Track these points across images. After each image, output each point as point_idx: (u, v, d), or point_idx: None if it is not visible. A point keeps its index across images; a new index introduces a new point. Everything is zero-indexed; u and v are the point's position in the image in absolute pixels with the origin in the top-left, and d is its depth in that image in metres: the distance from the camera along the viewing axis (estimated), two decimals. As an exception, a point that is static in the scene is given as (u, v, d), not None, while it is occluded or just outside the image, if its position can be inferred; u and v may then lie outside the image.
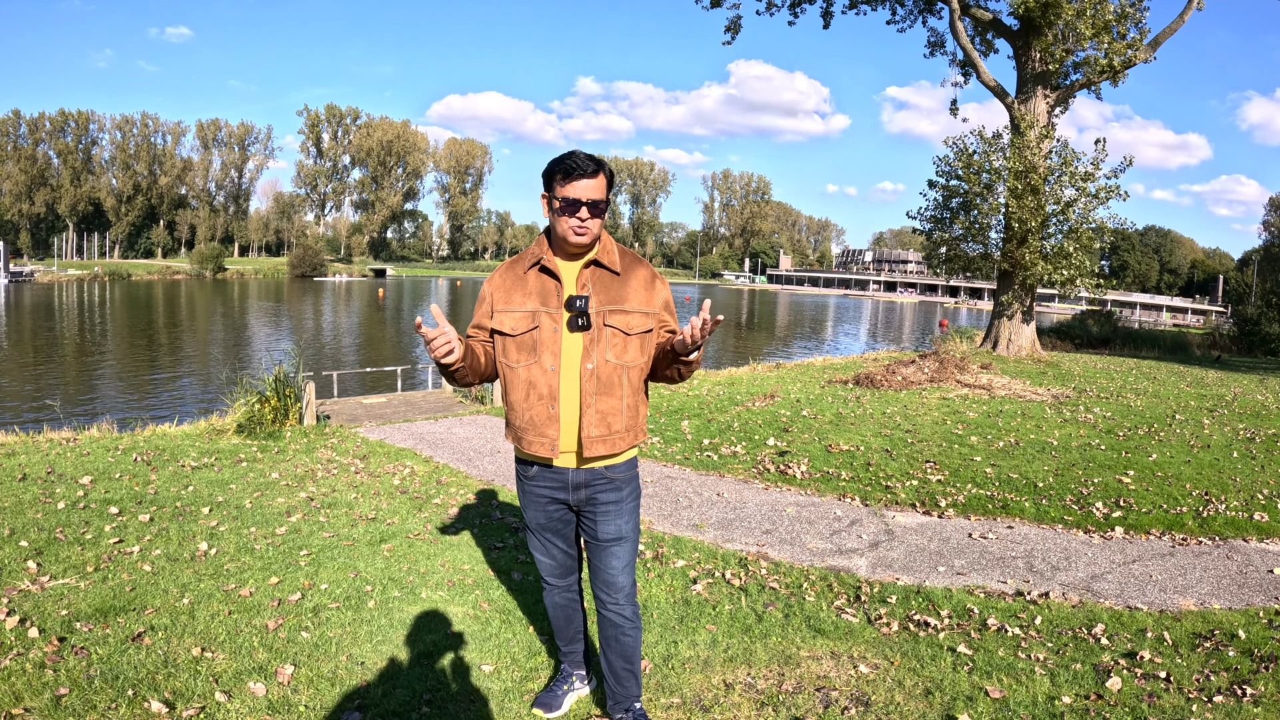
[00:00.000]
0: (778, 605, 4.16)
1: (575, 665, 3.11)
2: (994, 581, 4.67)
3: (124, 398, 19.44)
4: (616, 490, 2.69)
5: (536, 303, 2.57)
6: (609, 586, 2.75)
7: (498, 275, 2.69)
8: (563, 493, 2.69)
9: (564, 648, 3.08)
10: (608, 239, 2.66)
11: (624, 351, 2.58)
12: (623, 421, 2.61)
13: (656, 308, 2.64)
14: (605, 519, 2.69)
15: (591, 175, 2.49)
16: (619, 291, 2.59)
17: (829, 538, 5.41)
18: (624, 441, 2.63)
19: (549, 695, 3.06)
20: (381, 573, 4.36)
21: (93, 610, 3.65)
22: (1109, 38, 17.20)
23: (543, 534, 2.81)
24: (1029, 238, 17.63)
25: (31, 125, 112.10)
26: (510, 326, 2.60)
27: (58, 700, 2.89)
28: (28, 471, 6.27)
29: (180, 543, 4.69)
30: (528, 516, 2.81)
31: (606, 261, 2.60)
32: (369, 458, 7.40)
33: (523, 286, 2.61)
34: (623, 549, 2.73)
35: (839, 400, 10.75)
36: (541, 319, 2.56)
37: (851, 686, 3.28)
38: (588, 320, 2.54)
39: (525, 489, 2.76)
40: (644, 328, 2.60)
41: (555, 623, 3.02)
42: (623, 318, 2.57)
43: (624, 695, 2.87)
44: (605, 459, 2.65)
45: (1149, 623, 4.10)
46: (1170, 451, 8.01)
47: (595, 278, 2.59)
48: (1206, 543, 5.54)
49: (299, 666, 3.25)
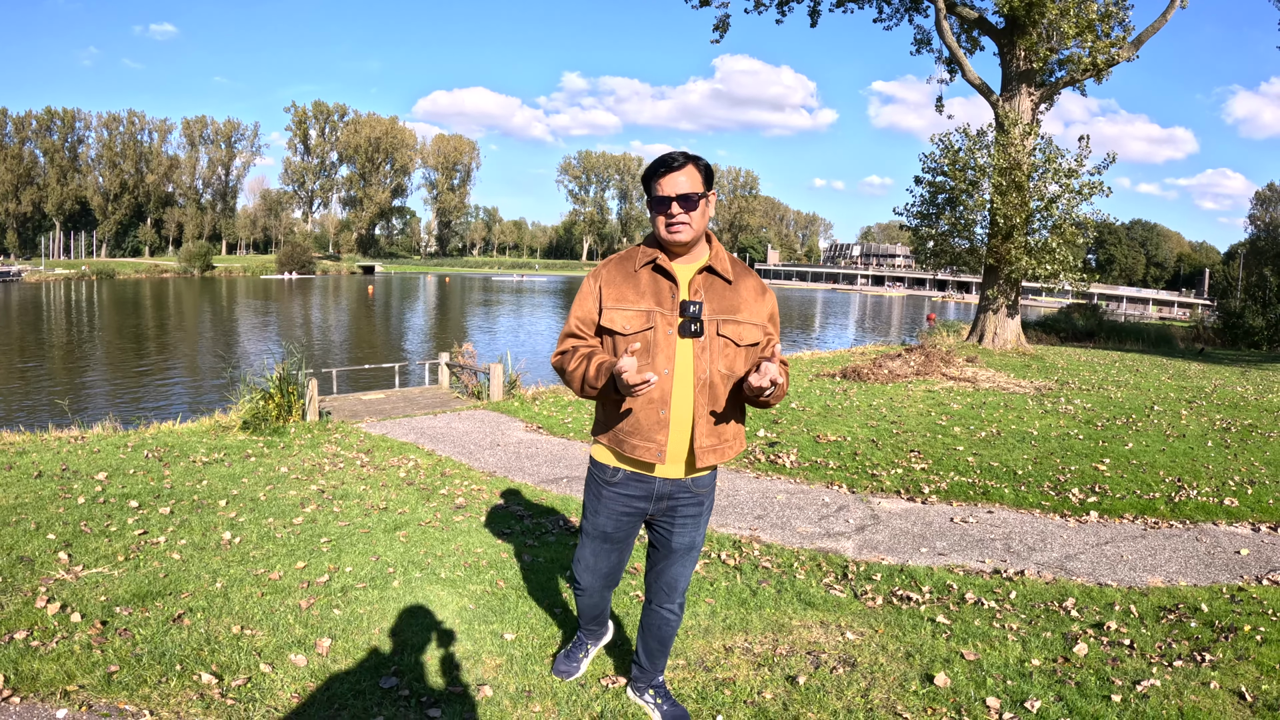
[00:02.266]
0: (770, 582, 4.45)
1: (593, 637, 3.21)
2: (973, 561, 4.96)
3: (119, 397, 19.56)
4: (698, 504, 2.69)
5: (651, 302, 2.49)
6: (671, 590, 2.81)
7: (605, 270, 2.59)
8: (645, 502, 2.65)
9: (587, 626, 3.16)
10: (718, 246, 2.60)
11: (734, 362, 2.53)
12: (731, 430, 2.60)
13: (764, 320, 2.59)
14: (683, 530, 2.69)
15: (679, 168, 2.44)
16: (732, 300, 2.54)
17: (817, 522, 5.70)
18: (732, 450, 2.62)
19: (567, 662, 3.21)
20: (401, 556, 4.63)
21: (130, 595, 3.90)
22: (1092, 36, 17.53)
23: (607, 542, 2.75)
24: (1013, 233, 17.98)
25: (18, 124, 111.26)
26: (622, 325, 2.50)
27: (109, 677, 3.13)
28: (43, 469, 6.47)
29: (204, 533, 4.93)
30: (596, 523, 2.73)
31: (720, 269, 2.55)
32: (373, 452, 7.64)
33: (635, 284, 2.52)
34: (691, 557, 2.78)
35: (827, 393, 11.05)
36: (656, 319, 2.48)
37: (839, 650, 3.58)
38: (700, 327, 2.47)
39: (604, 494, 2.68)
40: (753, 340, 2.56)
41: (585, 614, 3.06)
42: (735, 328, 2.52)
43: (654, 670, 3.00)
44: (698, 470, 2.62)
45: (1117, 597, 4.39)
46: (1146, 440, 8.32)
47: (708, 284, 2.53)
48: (1177, 526, 5.84)
49: (335, 639, 3.52)
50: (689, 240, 2.49)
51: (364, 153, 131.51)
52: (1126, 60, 18.15)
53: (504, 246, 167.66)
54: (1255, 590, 4.51)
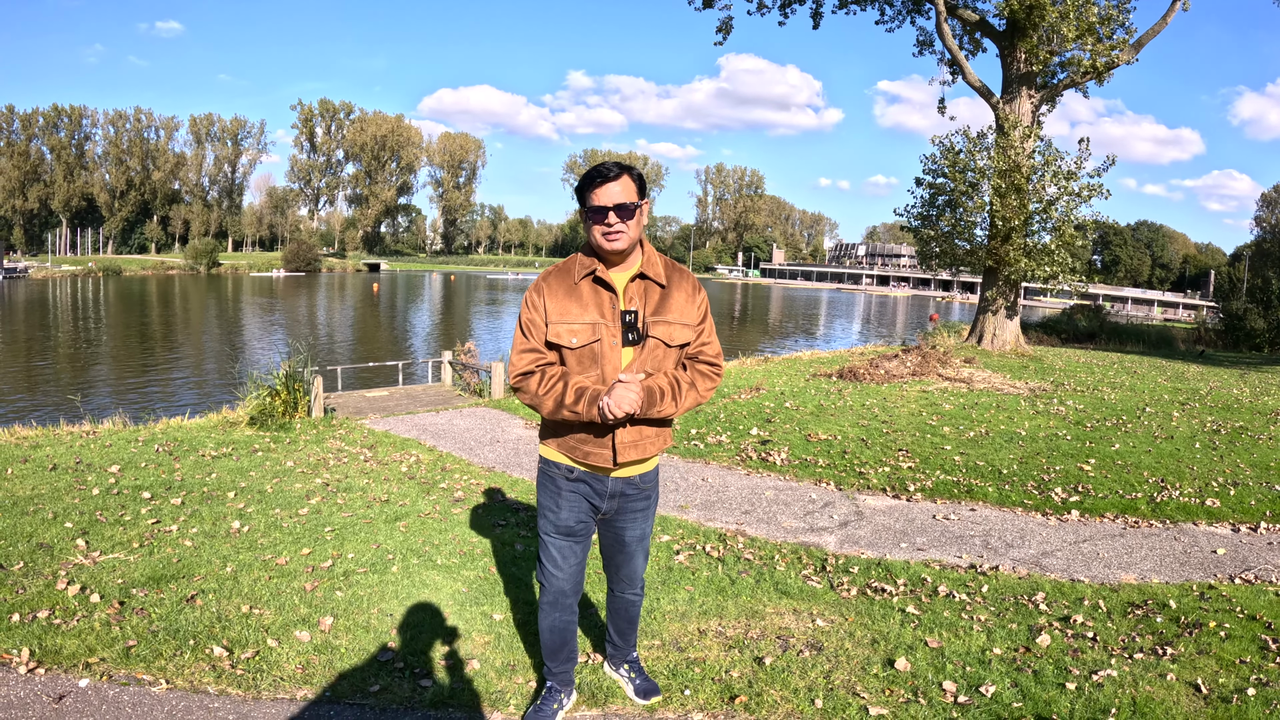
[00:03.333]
0: (750, 573, 4.66)
1: (565, 683, 3.10)
2: (950, 556, 5.16)
3: (126, 393, 19.82)
4: (646, 498, 2.88)
5: (595, 314, 2.61)
6: (631, 579, 3.02)
7: (547, 285, 2.68)
8: (599, 500, 2.80)
9: (555, 668, 3.05)
10: (650, 250, 2.72)
11: (662, 361, 2.66)
12: (651, 430, 2.73)
13: (695, 321, 2.73)
14: (634, 523, 2.88)
15: (614, 179, 2.56)
16: (664, 303, 2.67)
17: (803, 517, 5.91)
18: (653, 446, 2.75)
19: (539, 714, 3.02)
20: (400, 544, 4.87)
21: (145, 579, 4.14)
22: (1093, 39, 17.65)
23: (571, 537, 2.83)
24: (1012, 235, 18.12)
25: (25, 121, 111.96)
26: (569, 339, 2.61)
27: (128, 650, 3.37)
28: (57, 462, 6.69)
29: (214, 522, 5.17)
30: (559, 519, 2.81)
31: (652, 274, 2.68)
32: (376, 447, 7.85)
33: (578, 298, 2.63)
34: (644, 546, 2.98)
35: (821, 393, 11.24)
36: (602, 331, 2.61)
37: (808, 635, 3.79)
38: (638, 335, 2.62)
39: (563, 497, 2.79)
40: (683, 340, 2.70)
41: (550, 646, 3.00)
42: (665, 329, 2.66)
43: (627, 647, 3.23)
44: (639, 465, 2.79)
45: (1088, 593, 4.57)
46: (1134, 442, 8.48)
47: (642, 290, 2.67)
48: (1157, 525, 6.00)
49: (337, 618, 3.78)
50: (625, 248, 2.61)
51: (370, 150, 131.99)
52: (1126, 63, 18.30)
53: (509, 245, 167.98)
54: (1226, 588, 4.65)
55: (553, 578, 2.89)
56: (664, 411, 2.65)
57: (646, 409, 2.60)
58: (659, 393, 2.63)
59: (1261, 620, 4.12)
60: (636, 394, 2.56)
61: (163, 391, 20.33)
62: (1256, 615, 4.18)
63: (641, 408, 2.58)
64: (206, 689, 3.15)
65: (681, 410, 2.68)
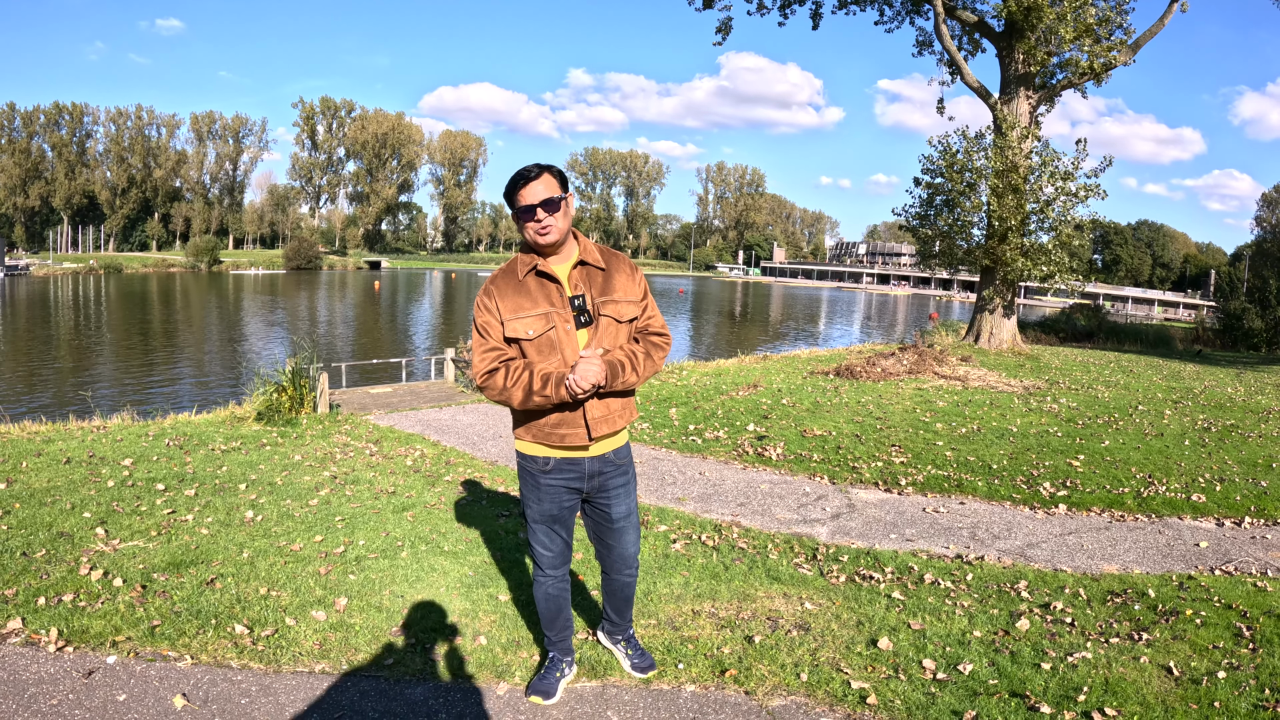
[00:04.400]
0: (743, 561, 4.86)
1: (564, 652, 3.29)
2: (938, 547, 5.34)
3: (129, 390, 20.00)
4: (623, 474, 3.05)
5: (545, 305, 2.80)
6: (624, 559, 3.17)
7: (495, 288, 2.86)
8: (579, 482, 2.97)
9: (553, 637, 3.24)
10: (584, 240, 2.93)
11: (617, 337, 2.87)
12: (618, 403, 2.94)
13: (638, 297, 2.94)
14: (617, 500, 3.04)
15: (535, 178, 2.74)
16: (607, 284, 2.87)
17: (796, 510, 6.09)
18: (621, 419, 2.95)
19: (544, 682, 3.21)
20: (409, 533, 5.08)
21: (165, 564, 4.33)
22: (1090, 40, 17.79)
23: (552, 525, 3.02)
24: (1009, 235, 18.29)
25: (26, 118, 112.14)
26: (525, 331, 2.79)
27: (152, 630, 3.57)
28: (71, 455, 6.88)
29: (227, 512, 5.36)
30: (540, 509, 3.00)
31: (591, 260, 2.88)
32: (381, 442, 8.04)
33: (526, 293, 2.81)
34: (632, 524, 3.14)
35: (818, 390, 11.42)
36: (554, 319, 2.79)
37: (797, 617, 3.99)
38: (589, 316, 2.82)
39: (540, 484, 2.96)
40: (631, 315, 2.91)
41: (546, 615, 3.18)
42: (614, 307, 2.86)
43: (624, 624, 3.43)
44: (611, 439, 2.97)
45: (1069, 581, 4.74)
46: (1124, 439, 8.64)
47: (585, 276, 2.87)
48: (1142, 519, 6.16)
49: (351, 599, 3.99)
50: (557, 240, 2.80)
51: (371, 148, 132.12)
52: (1124, 64, 18.44)
53: (510, 243, 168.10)
54: (1205, 579, 4.80)
55: (542, 556, 3.10)
56: (628, 382, 2.86)
57: (611, 381, 2.81)
58: (619, 365, 2.84)
59: (1238, 609, 4.27)
60: (599, 366, 2.75)
61: (166, 388, 20.52)
62: (1233, 605, 4.33)
63: (606, 380, 2.79)
64: (230, 664, 3.34)
65: (643, 379, 2.90)
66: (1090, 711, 3.13)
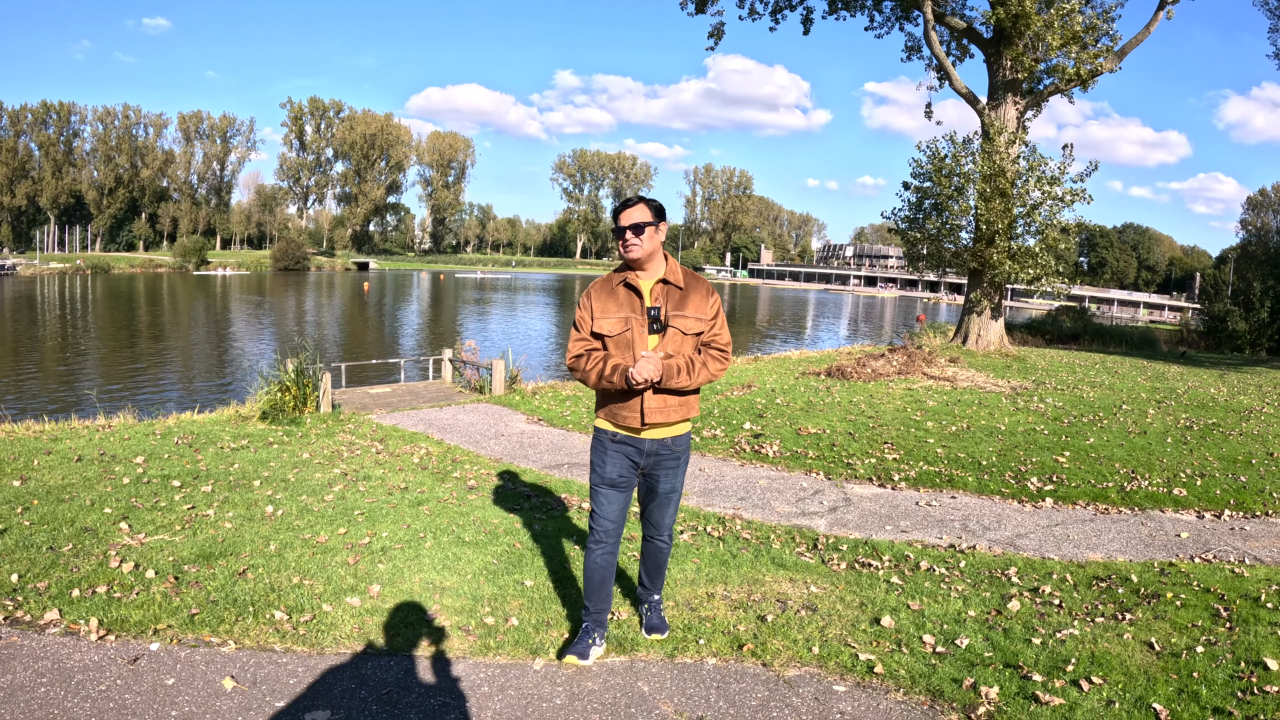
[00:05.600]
0: (748, 550, 5.10)
1: (599, 624, 3.64)
2: (932, 537, 5.58)
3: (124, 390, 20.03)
4: (676, 458, 3.52)
5: (627, 310, 3.37)
6: (659, 525, 3.65)
7: (594, 292, 3.47)
8: (638, 456, 3.47)
9: (593, 607, 3.61)
10: (673, 261, 3.45)
11: (681, 345, 3.36)
12: (675, 399, 3.41)
13: (708, 316, 3.42)
14: (665, 477, 3.52)
15: (632, 206, 3.35)
16: (683, 301, 3.39)
17: (795, 504, 6.32)
18: (676, 414, 3.41)
19: (579, 646, 3.59)
20: (428, 525, 5.28)
21: (194, 556, 4.49)
22: (1077, 47, 18.10)
23: (614, 488, 3.49)
24: (996, 238, 18.59)
25: (13, 117, 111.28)
26: (608, 329, 3.38)
27: (192, 618, 3.74)
28: (81, 454, 7.01)
29: (247, 507, 5.53)
30: (604, 474, 3.48)
31: (673, 280, 3.40)
32: (386, 440, 8.21)
33: (615, 299, 3.40)
34: (674, 499, 3.62)
35: (810, 390, 11.66)
36: (632, 323, 3.36)
37: (803, 599, 4.23)
38: (661, 325, 3.35)
39: (607, 451, 3.48)
40: (697, 330, 3.40)
41: (591, 583, 3.57)
42: (682, 321, 3.36)
43: (653, 588, 3.83)
44: (666, 428, 3.45)
45: (1057, 568, 4.99)
46: (1108, 436, 8.91)
47: (664, 292, 3.40)
48: (1126, 512, 6.42)
49: (383, 585, 4.20)
50: (641, 257, 3.36)
51: (359, 149, 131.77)
52: (1110, 71, 18.75)
53: (498, 244, 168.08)
54: (1185, 566, 5.06)
55: (600, 519, 3.54)
56: (681, 383, 3.35)
57: (667, 380, 3.32)
58: (676, 368, 3.34)
59: (1215, 593, 4.52)
60: (655, 365, 3.27)
61: (160, 389, 20.56)
62: (1211, 588, 4.59)
63: (662, 377, 3.29)
64: (273, 648, 3.53)
65: (696, 383, 3.39)
66: (1079, 680, 3.37)
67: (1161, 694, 3.28)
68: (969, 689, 3.30)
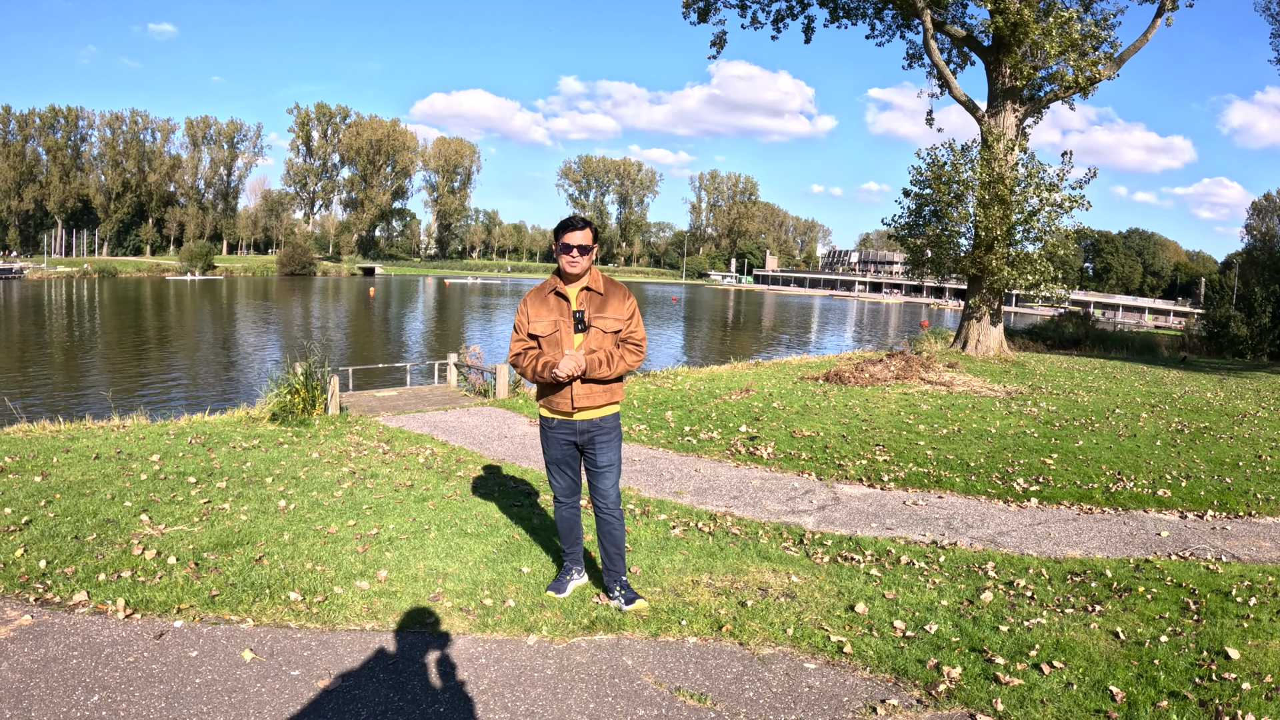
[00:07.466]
0: (736, 543, 5.36)
1: (575, 562, 4.43)
2: (915, 534, 5.80)
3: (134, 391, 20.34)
4: (608, 434, 4.12)
5: (556, 314, 4.02)
6: (602, 495, 4.17)
7: (529, 299, 4.10)
8: (574, 436, 4.12)
9: (567, 549, 4.40)
10: (596, 272, 4.07)
11: (602, 342, 3.98)
12: (601, 387, 4.02)
13: (625, 317, 4.05)
14: (602, 451, 4.12)
15: (578, 228, 3.98)
16: (603, 305, 4.02)
17: (785, 502, 6.56)
18: (601, 399, 4.03)
19: (558, 583, 4.40)
20: (432, 518, 5.56)
21: (213, 545, 4.77)
22: (1075, 55, 18.30)
23: (559, 465, 4.21)
24: (995, 245, 18.80)
25: (21, 121, 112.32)
26: (541, 331, 4.02)
27: (212, 599, 4.01)
28: (99, 452, 7.27)
29: (260, 502, 5.80)
30: (550, 454, 4.21)
31: (595, 287, 4.05)
32: (392, 441, 8.46)
33: (546, 305, 4.05)
34: (611, 472, 4.16)
35: (807, 394, 11.89)
36: (560, 324, 3.99)
37: (784, 588, 4.48)
38: (583, 325, 3.98)
39: (549, 435, 4.17)
40: (615, 329, 4.03)
41: (562, 530, 4.38)
42: (602, 321, 3.99)
43: (616, 571, 4.25)
44: (595, 410, 4.05)
45: (1034, 563, 5.19)
46: (1097, 439, 9.10)
47: (588, 297, 4.03)
48: (1109, 512, 6.60)
49: (390, 571, 4.48)
50: (579, 273, 4.01)
51: (365, 155, 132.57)
52: (1108, 78, 18.97)
53: (503, 250, 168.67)
54: (1161, 562, 5.23)
55: (557, 486, 4.29)
56: (603, 374, 3.98)
57: (590, 371, 3.94)
58: (598, 361, 3.97)
59: (1187, 587, 4.70)
60: (576, 362, 3.90)
61: (164, 391, 20.87)
62: (1184, 583, 4.76)
63: (584, 371, 3.91)
64: (288, 625, 3.81)
65: (616, 372, 4.01)
66: (1040, 664, 3.59)
67: (1120, 678, 3.48)
68: (932, 669, 3.53)
